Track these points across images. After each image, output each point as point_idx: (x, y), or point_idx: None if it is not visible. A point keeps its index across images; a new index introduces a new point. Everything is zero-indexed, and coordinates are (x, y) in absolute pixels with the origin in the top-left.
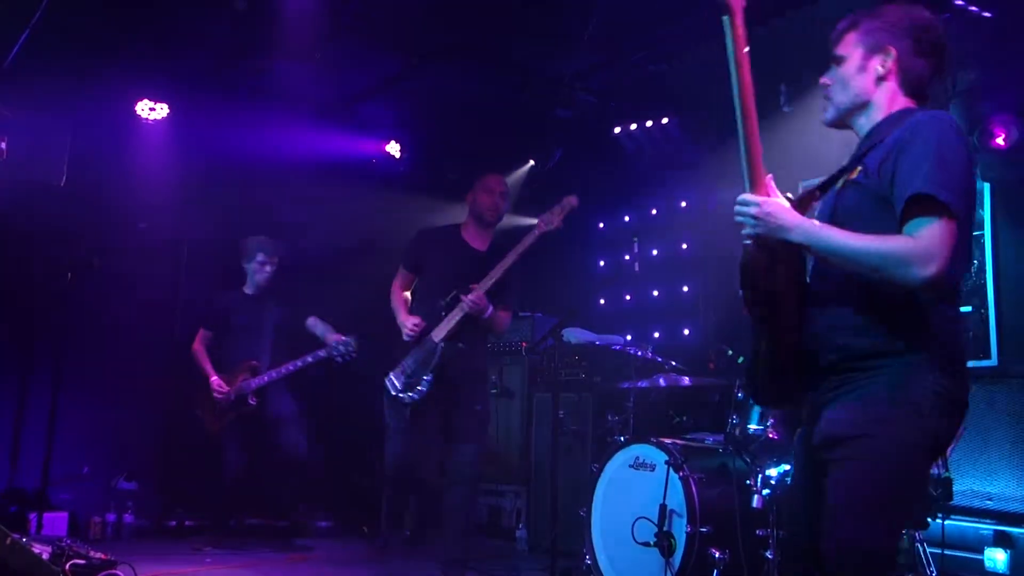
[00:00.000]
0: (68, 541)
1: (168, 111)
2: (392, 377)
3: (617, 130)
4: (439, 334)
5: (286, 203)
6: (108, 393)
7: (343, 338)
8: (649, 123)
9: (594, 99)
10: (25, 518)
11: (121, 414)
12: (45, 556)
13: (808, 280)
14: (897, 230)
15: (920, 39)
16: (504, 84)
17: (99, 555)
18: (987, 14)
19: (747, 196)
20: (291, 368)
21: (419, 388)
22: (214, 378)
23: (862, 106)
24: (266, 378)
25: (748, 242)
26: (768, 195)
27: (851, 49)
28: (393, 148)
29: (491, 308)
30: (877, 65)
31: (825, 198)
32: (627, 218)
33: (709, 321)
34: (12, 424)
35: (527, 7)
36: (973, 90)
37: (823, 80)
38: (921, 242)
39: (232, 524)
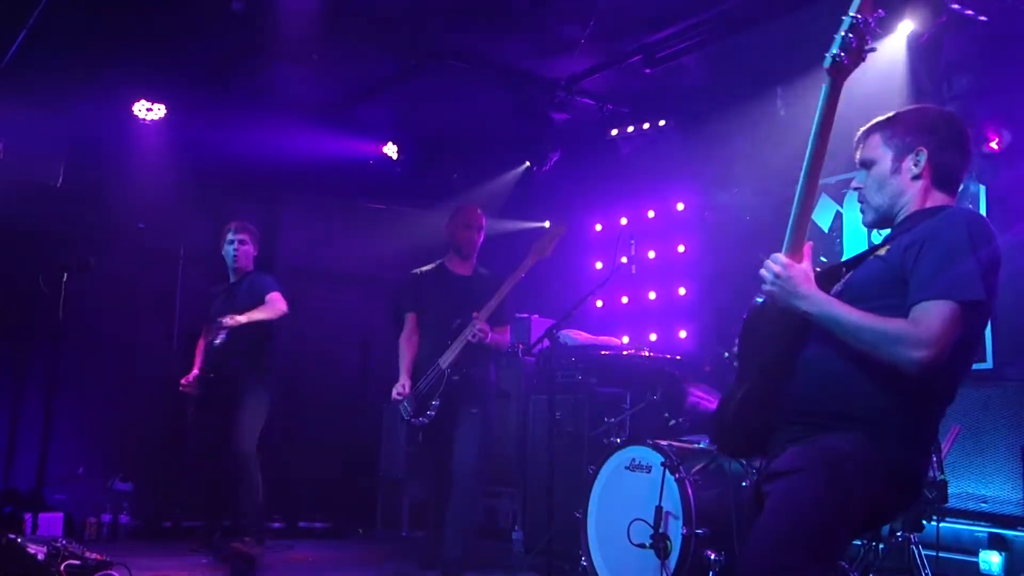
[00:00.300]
0: (63, 542)
1: (165, 111)
2: (405, 403)
3: (614, 132)
4: (445, 361)
5: (283, 204)
6: (104, 393)
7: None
8: (646, 126)
9: (591, 102)
10: (21, 519)
11: (117, 415)
12: (40, 557)
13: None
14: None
15: (945, 134)
16: (501, 87)
17: (94, 556)
18: (982, 18)
19: (779, 256)
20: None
21: (428, 413)
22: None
23: (900, 205)
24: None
25: (760, 299)
26: (801, 261)
27: (880, 152)
28: (391, 150)
29: (491, 333)
30: (911, 165)
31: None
32: (624, 220)
33: (706, 324)
34: (8, 424)
35: (524, 9)
36: (967, 94)
37: (855, 186)
38: (920, 326)
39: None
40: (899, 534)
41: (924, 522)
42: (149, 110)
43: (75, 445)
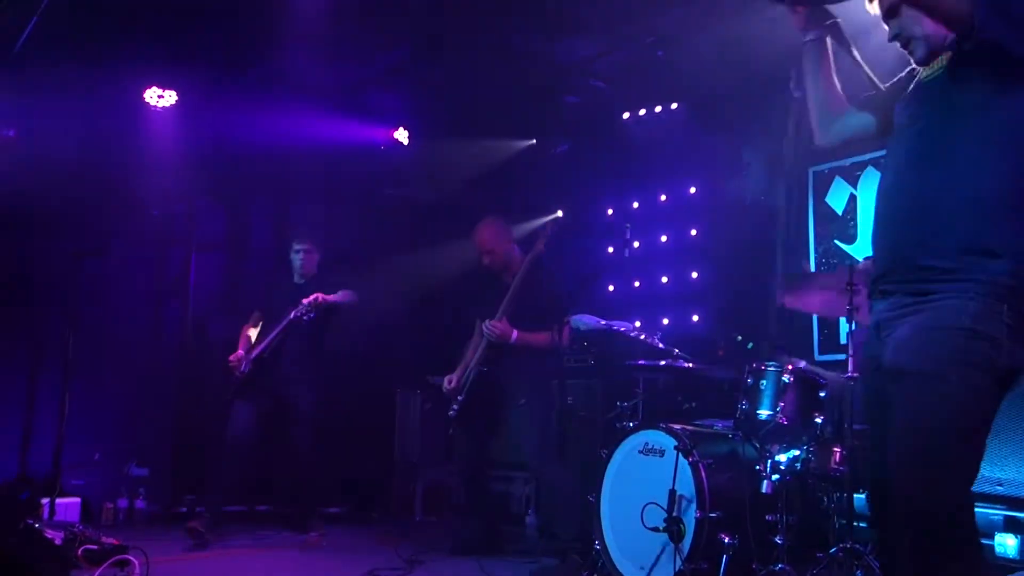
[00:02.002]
0: (80, 527)
1: (176, 98)
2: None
3: (626, 116)
4: (471, 361)
5: (295, 189)
6: (119, 379)
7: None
8: (658, 109)
9: (603, 85)
10: (38, 504)
11: (132, 400)
12: (58, 541)
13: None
14: None
15: None
16: (512, 70)
17: (111, 540)
18: None
19: None
20: (274, 333)
21: (454, 407)
22: (236, 353)
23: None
24: (259, 348)
25: None
26: None
27: None
28: (401, 135)
29: (515, 332)
30: None
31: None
32: (636, 204)
33: (718, 307)
34: (23, 411)
35: None
36: None
37: (891, 37)
38: None
39: (228, 509)
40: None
41: None
42: (160, 97)
43: (91, 431)
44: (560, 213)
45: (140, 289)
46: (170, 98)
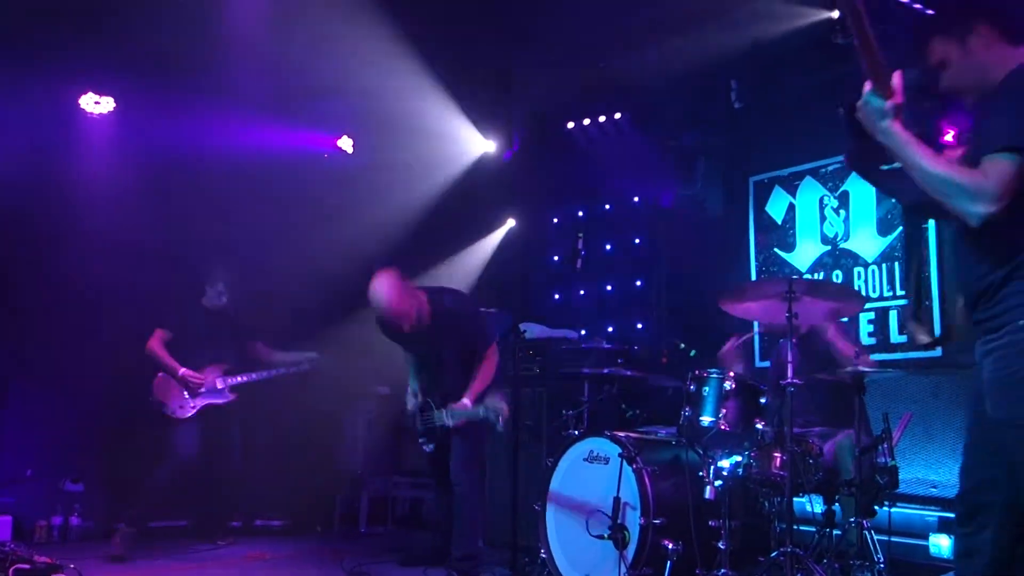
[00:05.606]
0: (12, 545)
1: (114, 105)
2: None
3: (571, 125)
4: (440, 420)
5: (237, 199)
6: (54, 393)
7: (311, 355)
8: (602, 118)
9: (548, 94)
10: None
11: (67, 415)
12: None
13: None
14: None
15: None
16: (458, 79)
17: (44, 559)
18: (930, 12)
19: (869, 91)
20: (271, 374)
21: (429, 445)
22: (184, 370)
23: (991, 77)
24: (250, 376)
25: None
26: (891, 96)
27: (943, 49)
28: (346, 143)
29: (471, 399)
30: (977, 43)
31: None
32: (580, 213)
33: (662, 315)
34: None
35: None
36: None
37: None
38: (988, 179)
39: (151, 525)
40: (852, 520)
41: (876, 507)
42: (97, 103)
43: (23, 446)
44: (512, 222)
45: (74, 300)
46: (107, 104)
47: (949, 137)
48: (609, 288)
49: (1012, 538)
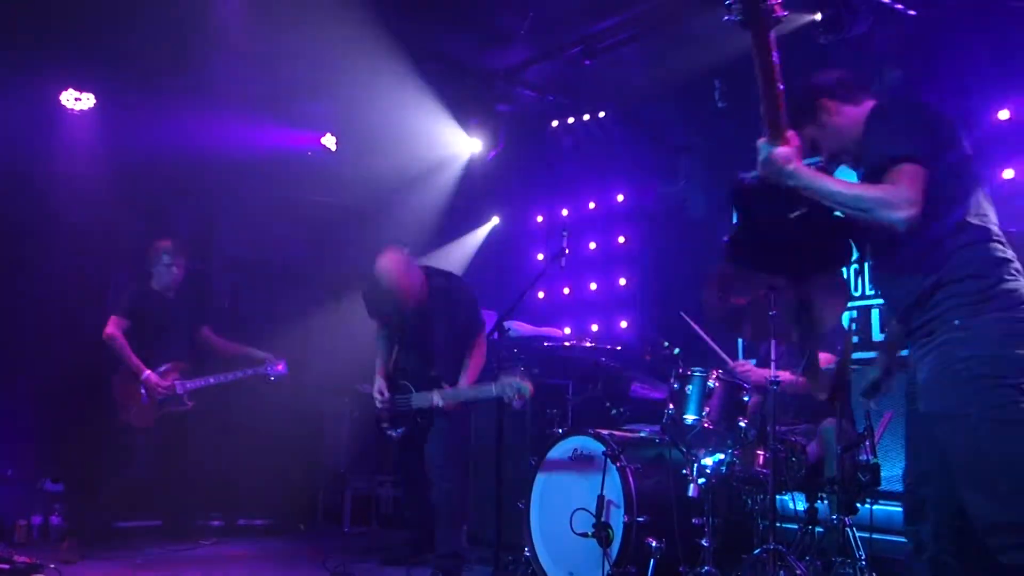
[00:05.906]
0: None
1: (95, 101)
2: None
3: (555, 124)
4: (416, 403)
5: (218, 196)
6: (33, 393)
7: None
8: (586, 117)
9: (532, 93)
10: None
11: (46, 414)
12: None
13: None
14: None
15: (820, 79)
16: (442, 78)
17: (24, 559)
18: (912, 12)
19: (763, 142)
20: (230, 377)
21: (397, 431)
22: (149, 373)
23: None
24: (207, 381)
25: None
26: (785, 144)
27: (808, 132)
28: (329, 141)
29: (461, 389)
30: (828, 114)
31: None
32: (565, 211)
33: (646, 314)
34: None
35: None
36: (898, 87)
37: (820, 164)
38: (900, 185)
39: (121, 525)
40: (834, 517)
41: (858, 505)
42: (78, 100)
43: (3, 446)
44: (497, 220)
45: (55, 299)
46: (88, 100)
47: None
48: (593, 287)
49: (952, 531)
